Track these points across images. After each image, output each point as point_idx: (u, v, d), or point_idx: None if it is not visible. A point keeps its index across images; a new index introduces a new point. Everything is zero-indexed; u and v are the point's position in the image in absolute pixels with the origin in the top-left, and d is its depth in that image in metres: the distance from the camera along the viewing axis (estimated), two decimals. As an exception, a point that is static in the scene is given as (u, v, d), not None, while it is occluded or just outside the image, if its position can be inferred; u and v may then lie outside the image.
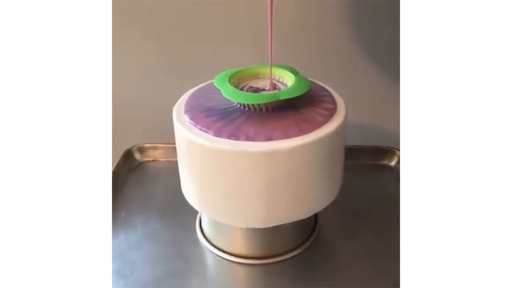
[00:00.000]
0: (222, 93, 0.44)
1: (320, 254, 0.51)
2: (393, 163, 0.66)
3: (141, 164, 0.68)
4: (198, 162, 0.44)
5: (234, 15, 0.65)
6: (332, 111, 0.45)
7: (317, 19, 0.65)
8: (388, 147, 0.66)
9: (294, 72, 0.47)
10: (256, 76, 0.48)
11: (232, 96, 0.44)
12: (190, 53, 0.69)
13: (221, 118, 0.44)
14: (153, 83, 0.72)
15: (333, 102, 0.47)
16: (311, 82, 0.47)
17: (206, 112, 0.45)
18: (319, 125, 0.43)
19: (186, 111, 0.46)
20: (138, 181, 0.64)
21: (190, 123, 0.44)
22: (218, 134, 0.42)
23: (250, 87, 0.46)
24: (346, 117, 0.45)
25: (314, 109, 0.45)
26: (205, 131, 0.42)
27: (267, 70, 0.47)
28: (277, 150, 0.41)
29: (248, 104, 0.44)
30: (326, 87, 0.50)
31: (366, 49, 0.67)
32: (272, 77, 0.47)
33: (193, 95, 0.49)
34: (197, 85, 0.51)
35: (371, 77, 0.69)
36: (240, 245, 0.50)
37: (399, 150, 0.65)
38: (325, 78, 0.51)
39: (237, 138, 0.41)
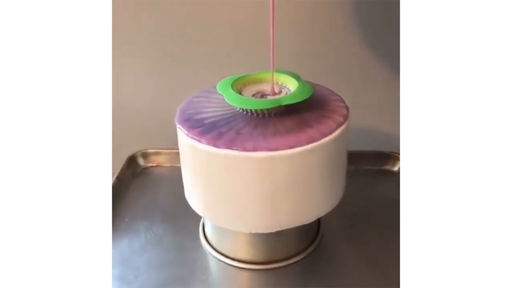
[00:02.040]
0: (225, 98, 0.44)
1: (323, 259, 0.51)
2: (395, 168, 0.66)
3: (144, 169, 0.68)
4: (201, 167, 0.44)
5: (237, 21, 0.66)
6: (336, 117, 0.45)
7: (318, 24, 0.65)
8: (391, 152, 0.66)
9: (296, 77, 0.47)
10: (259, 82, 0.48)
11: (235, 101, 0.44)
12: (194, 58, 0.69)
13: (221, 126, 0.44)
14: (157, 88, 0.72)
15: (341, 107, 0.47)
16: (319, 86, 0.48)
17: (202, 121, 0.45)
18: (323, 131, 0.43)
19: (179, 120, 0.46)
20: (142, 186, 0.64)
21: (183, 132, 0.44)
22: (216, 143, 0.42)
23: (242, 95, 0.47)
24: (348, 122, 0.45)
25: (318, 114, 0.45)
26: (198, 140, 0.43)
27: (270, 75, 0.48)
28: (280, 156, 0.41)
29: (251, 110, 0.44)
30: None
31: (368, 53, 0.67)
32: (275, 83, 0.48)
33: (190, 102, 0.49)
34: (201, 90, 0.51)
35: (374, 81, 0.69)
36: (243, 250, 0.50)
37: (402, 155, 0.65)
38: (327, 82, 0.51)
39: (237, 149, 0.41)
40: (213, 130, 0.43)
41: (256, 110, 0.44)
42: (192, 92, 0.51)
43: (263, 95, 0.46)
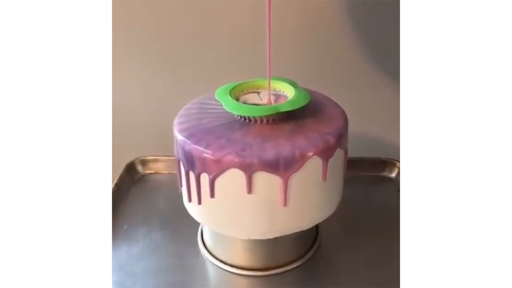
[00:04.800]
0: (223, 106, 0.45)
1: (321, 265, 0.51)
2: (393, 175, 0.66)
3: (143, 176, 0.68)
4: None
5: (234, 28, 0.66)
6: (332, 124, 0.45)
7: (316, 30, 0.66)
8: (388, 158, 0.67)
9: (293, 84, 0.48)
10: (257, 89, 0.49)
11: (233, 109, 0.44)
12: (192, 65, 0.69)
13: (218, 134, 0.44)
14: (156, 95, 0.72)
15: (335, 114, 0.47)
16: (316, 93, 0.48)
17: (200, 129, 0.45)
18: (321, 140, 0.43)
19: (177, 128, 0.46)
20: (141, 193, 0.65)
21: (182, 140, 0.44)
22: (213, 152, 0.42)
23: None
24: (346, 130, 0.46)
25: (316, 121, 0.46)
26: (196, 149, 0.43)
27: (267, 82, 0.48)
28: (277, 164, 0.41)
29: (249, 117, 0.45)
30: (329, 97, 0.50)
31: (365, 60, 0.67)
32: (272, 90, 0.48)
33: (188, 109, 0.49)
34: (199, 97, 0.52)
35: (371, 88, 0.69)
36: (241, 256, 0.50)
37: (399, 162, 0.66)
38: (324, 89, 0.51)
39: (235, 157, 0.41)
40: (211, 139, 0.43)
41: (254, 117, 0.45)
42: (190, 99, 0.51)
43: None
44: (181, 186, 0.48)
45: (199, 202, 0.45)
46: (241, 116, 0.45)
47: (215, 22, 0.66)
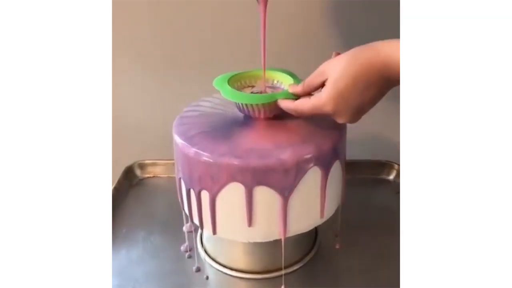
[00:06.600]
0: (222, 94, 0.45)
1: (321, 267, 0.51)
2: (391, 177, 0.66)
3: (141, 180, 0.68)
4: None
5: (234, 32, 0.66)
6: (332, 131, 0.46)
7: (315, 26, 0.66)
8: (387, 161, 0.67)
9: (292, 75, 0.48)
10: (255, 81, 0.49)
11: (230, 96, 0.45)
12: (190, 70, 0.69)
13: (217, 138, 0.44)
14: (154, 100, 0.72)
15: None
16: None
17: (198, 130, 0.46)
18: (318, 141, 0.43)
19: (177, 131, 0.46)
20: (139, 197, 0.65)
21: (181, 143, 0.45)
22: (212, 155, 0.42)
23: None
24: (345, 133, 0.46)
25: (317, 124, 0.46)
26: (195, 151, 0.43)
27: (265, 73, 0.48)
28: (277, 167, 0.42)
29: (248, 111, 0.45)
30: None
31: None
32: (270, 82, 0.49)
33: (188, 111, 0.50)
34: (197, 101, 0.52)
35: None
36: (241, 260, 0.50)
37: (397, 164, 0.66)
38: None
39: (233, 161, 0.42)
40: (211, 142, 0.43)
41: (252, 107, 0.45)
42: (188, 102, 0.51)
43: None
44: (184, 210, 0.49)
45: (202, 228, 0.47)
46: (239, 106, 0.46)
47: (216, 26, 0.66)
